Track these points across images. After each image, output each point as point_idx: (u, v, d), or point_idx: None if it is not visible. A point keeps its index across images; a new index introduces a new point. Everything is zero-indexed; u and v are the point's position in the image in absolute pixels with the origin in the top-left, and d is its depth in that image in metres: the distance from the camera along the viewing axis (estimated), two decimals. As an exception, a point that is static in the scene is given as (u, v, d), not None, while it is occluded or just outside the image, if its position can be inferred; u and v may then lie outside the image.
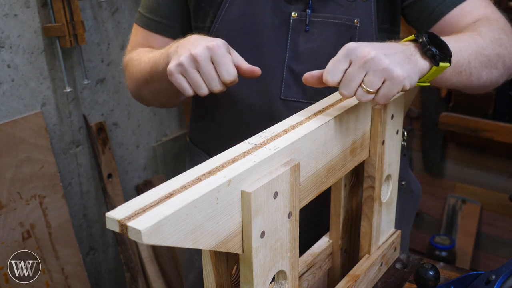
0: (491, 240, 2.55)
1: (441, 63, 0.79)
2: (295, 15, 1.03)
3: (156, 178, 2.28)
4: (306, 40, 1.04)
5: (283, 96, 1.05)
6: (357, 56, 0.74)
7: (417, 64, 0.78)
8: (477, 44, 0.91)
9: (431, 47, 0.78)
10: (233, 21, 1.04)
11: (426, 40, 0.79)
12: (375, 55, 0.73)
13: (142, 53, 1.11)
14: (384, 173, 0.95)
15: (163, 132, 2.34)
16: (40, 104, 1.76)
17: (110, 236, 2.13)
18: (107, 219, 0.54)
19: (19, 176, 1.69)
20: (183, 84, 0.88)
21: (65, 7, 1.70)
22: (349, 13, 1.03)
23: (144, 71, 1.05)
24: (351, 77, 0.74)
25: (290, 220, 0.70)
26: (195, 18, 1.10)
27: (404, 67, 0.74)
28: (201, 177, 0.60)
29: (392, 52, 0.75)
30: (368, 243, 0.97)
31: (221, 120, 1.13)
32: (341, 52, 0.76)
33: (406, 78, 0.74)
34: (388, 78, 0.73)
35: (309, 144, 0.74)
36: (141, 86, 1.11)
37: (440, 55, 0.79)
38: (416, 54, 0.79)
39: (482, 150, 2.48)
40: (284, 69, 1.05)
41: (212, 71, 0.86)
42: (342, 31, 1.03)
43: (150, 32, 1.15)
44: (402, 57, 0.75)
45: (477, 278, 0.86)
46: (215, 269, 0.68)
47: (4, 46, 1.62)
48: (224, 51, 0.86)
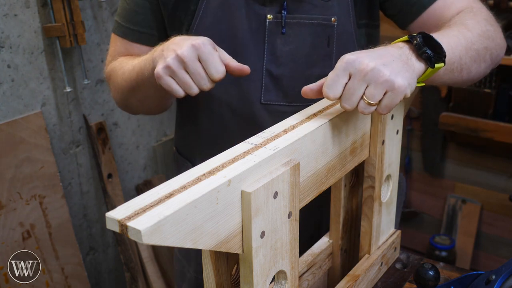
0: (491, 240, 2.55)
1: (436, 64, 0.79)
2: (270, 17, 1.02)
3: (156, 178, 2.28)
4: (283, 42, 1.03)
5: (264, 101, 1.05)
6: (356, 69, 0.73)
7: (414, 68, 0.78)
8: (466, 39, 0.91)
9: (426, 49, 0.78)
10: (208, 28, 1.03)
11: (420, 42, 0.78)
12: (375, 67, 0.72)
13: (124, 61, 1.09)
14: (384, 173, 0.95)
15: (163, 132, 2.34)
16: (40, 104, 1.76)
17: (110, 236, 2.13)
18: (107, 219, 0.54)
19: (19, 176, 1.69)
20: (173, 85, 0.86)
21: (65, 7, 1.70)
22: (325, 12, 1.02)
23: (129, 79, 1.04)
24: (352, 91, 0.73)
25: (290, 220, 0.70)
26: (170, 27, 1.09)
27: (404, 75, 0.74)
28: (201, 177, 0.60)
29: (390, 60, 0.74)
30: (368, 243, 0.97)
31: (203, 127, 1.12)
32: (339, 65, 0.74)
33: (407, 87, 0.74)
34: (390, 89, 0.73)
35: (309, 144, 0.74)
36: (127, 95, 1.09)
37: (435, 57, 0.78)
38: (411, 58, 0.78)
39: (482, 150, 2.48)
40: (263, 72, 1.04)
41: (201, 70, 0.85)
42: (319, 31, 1.02)
43: (128, 42, 1.13)
44: (400, 64, 0.75)
45: (477, 278, 0.86)
46: (215, 269, 0.68)
47: (4, 46, 1.63)
48: (210, 48, 0.85)
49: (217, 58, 0.85)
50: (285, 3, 1.01)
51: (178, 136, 1.24)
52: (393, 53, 0.77)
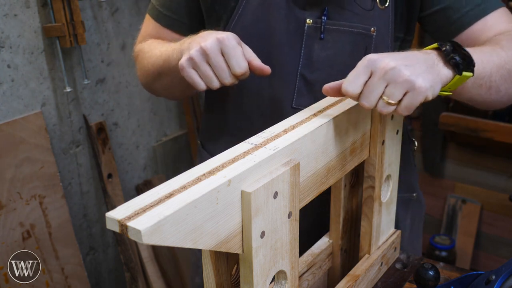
0: (491, 240, 2.55)
1: (464, 72, 0.78)
2: (310, 22, 1.00)
3: (156, 178, 2.28)
4: (321, 48, 1.01)
5: (295, 105, 1.03)
6: (377, 67, 0.73)
7: (440, 73, 0.77)
8: (499, 57, 0.89)
9: (454, 55, 0.77)
10: (246, 27, 1.02)
11: (449, 49, 0.78)
12: (395, 66, 0.72)
13: (153, 45, 1.10)
14: (384, 173, 0.95)
15: (163, 132, 2.34)
16: (40, 104, 1.76)
17: (110, 236, 2.13)
18: (107, 219, 0.54)
19: (19, 176, 1.69)
20: (195, 78, 0.87)
21: (65, 7, 1.70)
22: (366, 22, 1.00)
23: (156, 65, 1.04)
24: (371, 88, 0.73)
25: (290, 220, 0.70)
26: (208, 21, 1.09)
27: (426, 77, 0.73)
28: (201, 177, 0.60)
29: (413, 62, 0.74)
30: (368, 243, 0.97)
31: (230, 124, 1.12)
32: (361, 63, 0.75)
33: (429, 89, 0.73)
34: (410, 89, 0.72)
35: (309, 144, 0.74)
36: (152, 79, 1.10)
37: (463, 64, 0.78)
38: (439, 63, 0.78)
39: (482, 150, 2.48)
40: (297, 76, 1.02)
41: (222, 63, 0.85)
42: (357, 40, 1.01)
43: (160, 26, 1.14)
44: (424, 67, 0.74)
45: (477, 278, 0.86)
46: (215, 269, 0.68)
47: (4, 46, 1.63)
48: (234, 43, 0.85)
49: (240, 53, 0.85)
50: (326, 9, 1.00)
51: (204, 130, 1.23)
52: (418, 57, 0.76)
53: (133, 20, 2.05)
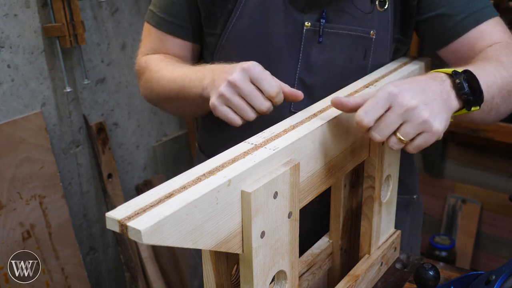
0: (491, 240, 2.55)
1: (472, 107, 0.79)
2: (308, 25, 0.99)
3: (156, 178, 2.28)
4: (319, 51, 1.00)
5: (293, 109, 1.02)
6: (397, 103, 0.72)
7: (451, 107, 0.77)
8: (502, 78, 0.89)
9: (467, 91, 0.77)
10: (244, 30, 1.01)
11: (463, 83, 0.78)
12: (417, 106, 0.71)
13: (161, 65, 1.06)
14: (384, 173, 0.95)
15: (163, 132, 2.34)
16: (40, 104, 1.76)
17: (110, 236, 2.13)
18: (107, 219, 0.54)
19: (19, 176, 1.69)
20: (229, 115, 0.84)
21: (65, 7, 1.70)
22: (365, 25, 1.00)
23: (167, 89, 1.01)
24: (387, 123, 0.72)
25: (290, 220, 0.70)
26: (206, 23, 1.07)
27: (443, 118, 0.73)
28: (201, 177, 0.60)
29: (432, 98, 0.74)
30: (368, 243, 0.97)
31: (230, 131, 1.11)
32: (382, 95, 0.73)
33: (442, 131, 0.73)
34: (426, 131, 0.72)
35: (309, 144, 0.74)
36: (162, 101, 1.08)
37: (473, 100, 0.78)
38: (451, 95, 0.77)
39: (482, 150, 2.48)
40: (296, 80, 1.02)
41: (254, 90, 0.82)
42: (356, 43, 1.00)
43: (163, 33, 1.11)
44: (441, 105, 0.74)
45: (477, 278, 0.86)
46: (215, 269, 0.68)
47: (4, 46, 1.63)
48: (260, 68, 0.83)
49: (269, 75, 0.83)
50: (324, 12, 0.99)
51: (202, 135, 1.22)
52: (435, 90, 0.75)
53: (133, 20, 2.05)
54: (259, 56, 0.99)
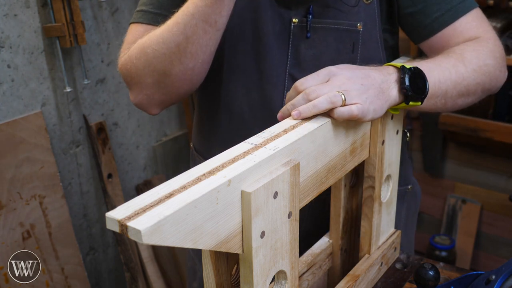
0: (491, 240, 2.55)
1: (411, 102, 0.84)
2: (295, 21, 1.01)
3: (156, 178, 2.28)
4: (307, 46, 1.02)
5: None
6: (336, 78, 0.80)
7: (389, 97, 0.83)
8: (458, 74, 0.93)
9: (407, 86, 0.83)
10: (233, 28, 1.02)
11: (406, 79, 0.83)
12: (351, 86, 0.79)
13: (154, 31, 1.00)
14: (384, 173, 0.95)
15: (163, 132, 2.34)
16: (40, 104, 1.76)
17: (110, 236, 2.13)
18: (107, 219, 0.54)
19: (19, 176, 1.69)
20: None
21: (65, 7, 1.70)
22: (351, 18, 1.01)
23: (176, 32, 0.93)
24: (322, 87, 0.79)
25: (290, 220, 0.70)
26: None
27: (372, 101, 0.79)
28: (201, 177, 0.60)
29: (370, 84, 0.80)
30: (368, 243, 0.97)
31: (222, 126, 1.11)
32: (323, 71, 0.82)
33: (364, 112, 0.78)
34: (349, 102, 0.77)
35: (309, 144, 0.74)
36: (173, 54, 0.96)
37: (412, 96, 0.83)
38: (393, 88, 0.83)
39: (482, 150, 2.48)
40: (286, 77, 1.03)
41: None
42: (343, 36, 1.02)
43: (150, 26, 1.07)
44: (376, 91, 0.80)
45: (477, 278, 0.86)
46: (215, 269, 0.68)
47: (4, 46, 1.63)
48: None
49: None
50: (311, 8, 1.00)
51: (196, 133, 1.22)
52: (376, 78, 0.82)
53: (133, 20, 2.05)
54: (249, 54, 1.01)
